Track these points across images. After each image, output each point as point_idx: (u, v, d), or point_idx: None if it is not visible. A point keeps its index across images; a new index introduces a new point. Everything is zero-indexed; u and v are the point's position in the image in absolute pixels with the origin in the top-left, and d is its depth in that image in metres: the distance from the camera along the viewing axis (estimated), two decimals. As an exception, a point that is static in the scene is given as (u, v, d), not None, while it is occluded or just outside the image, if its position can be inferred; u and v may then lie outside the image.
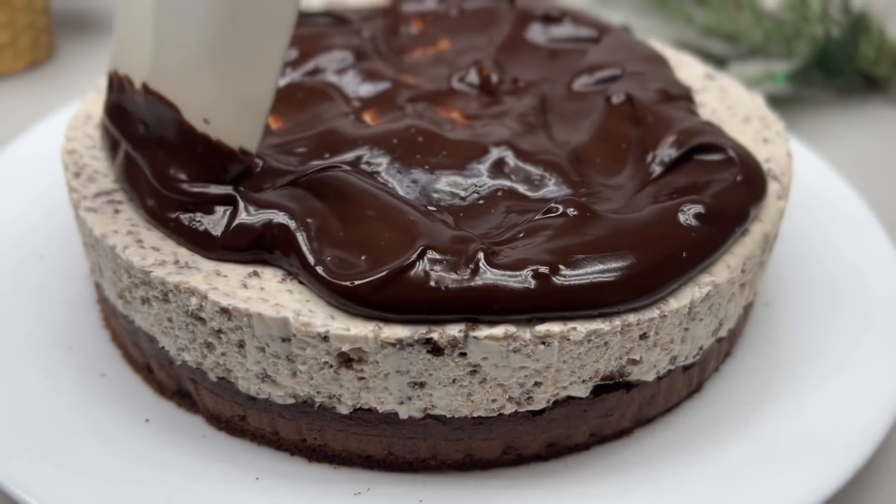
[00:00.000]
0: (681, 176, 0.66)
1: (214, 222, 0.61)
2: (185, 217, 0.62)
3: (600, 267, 0.58)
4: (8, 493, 0.60)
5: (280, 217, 0.60)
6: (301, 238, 0.59)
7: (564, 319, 0.58)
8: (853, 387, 0.67)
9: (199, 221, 0.61)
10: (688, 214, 0.61)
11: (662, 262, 0.59)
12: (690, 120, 0.71)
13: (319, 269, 0.58)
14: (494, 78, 0.77)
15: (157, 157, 0.63)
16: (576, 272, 0.57)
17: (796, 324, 0.74)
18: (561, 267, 0.57)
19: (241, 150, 0.63)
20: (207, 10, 0.59)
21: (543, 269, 0.57)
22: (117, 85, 0.64)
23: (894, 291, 0.75)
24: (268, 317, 0.58)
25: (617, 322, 0.58)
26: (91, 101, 0.75)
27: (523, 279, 0.57)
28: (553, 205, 0.62)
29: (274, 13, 0.61)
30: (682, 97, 0.75)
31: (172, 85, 0.61)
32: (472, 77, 0.77)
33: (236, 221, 0.61)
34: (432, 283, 0.56)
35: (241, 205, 0.61)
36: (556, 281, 0.57)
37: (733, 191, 0.64)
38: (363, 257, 0.58)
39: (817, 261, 0.79)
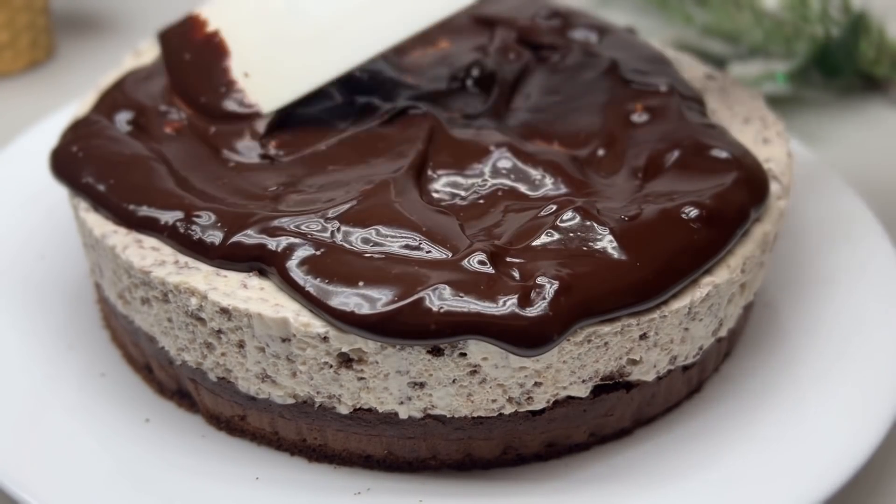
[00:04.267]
0: (682, 177, 0.66)
1: (213, 235, 0.61)
2: (181, 225, 0.61)
3: (605, 275, 0.58)
4: (8, 493, 0.60)
5: (274, 244, 0.59)
6: (295, 272, 0.58)
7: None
8: (853, 386, 0.67)
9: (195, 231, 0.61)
10: (689, 216, 0.61)
11: (665, 266, 0.59)
12: (695, 120, 0.71)
13: (312, 291, 0.57)
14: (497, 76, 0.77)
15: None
16: (581, 284, 0.57)
17: (796, 324, 0.74)
18: (565, 277, 0.57)
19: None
20: None
21: (549, 283, 0.56)
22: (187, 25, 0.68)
23: (894, 291, 0.75)
24: (268, 317, 0.58)
25: (617, 322, 0.58)
26: (91, 102, 0.75)
27: (528, 293, 0.56)
28: (554, 206, 0.62)
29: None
30: (691, 98, 0.75)
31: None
32: (473, 77, 0.77)
33: (233, 239, 0.60)
34: (439, 316, 0.56)
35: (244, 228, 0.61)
36: (563, 300, 0.56)
37: (734, 193, 0.64)
38: (361, 283, 0.57)
39: (817, 261, 0.79)
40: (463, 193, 0.66)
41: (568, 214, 0.61)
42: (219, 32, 0.69)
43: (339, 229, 0.60)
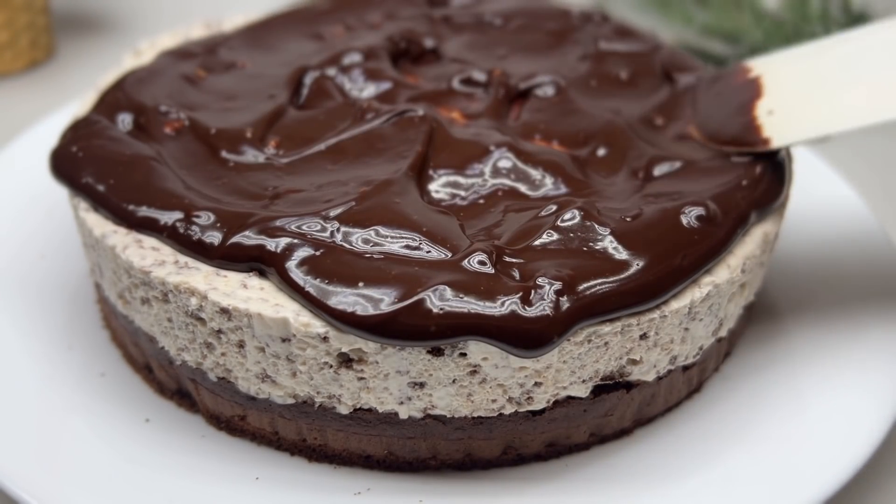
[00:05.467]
0: (684, 177, 0.66)
1: (212, 236, 0.61)
2: (181, 226, 0.61)
3: (606, 275, 0.58)
4: (8, 493, 0.60)
5: (273, 245, 0.59)
6: (295, 272, 0.58)
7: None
8: (853, 387, 0.67)
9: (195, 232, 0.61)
10: (690, 216, 0.61)
11: (666, 268, 0.59)
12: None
13: (311, 291, 0.57)
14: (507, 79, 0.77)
15: None
16: (582, 284, 0.57)
17: (796, 324, 0.74)
18: (565, 277, 0.57)
19: None
20: None
21: (549, 284, 0.56)
22: None
23: (894, 291, 0.75)
24: (268, 317, 0.58)
25: (617, 322, 0.58)
26: (90, 102, 0.75)
27: (528, 294, 0.56)
28: (554, 206, 0.62)
29: None
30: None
31: None
32: (475, 77, 0.77)
33: (232, 240, 0.60)
34: (439, 317, 0.56)
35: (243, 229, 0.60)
36: (564, 301, 0.56)
37: (736, 194, 0.64)
38: (361, 283, 0.57)
39: (817, 261, 0.79)
40: (463, 193, 0.66)
41: (568, 214, 0.61)
42: (760, 77, 0.71)
43: (338, 229, 0.60)
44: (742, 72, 0.73)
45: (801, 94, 0.68)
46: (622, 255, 0.59)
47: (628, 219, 0.61)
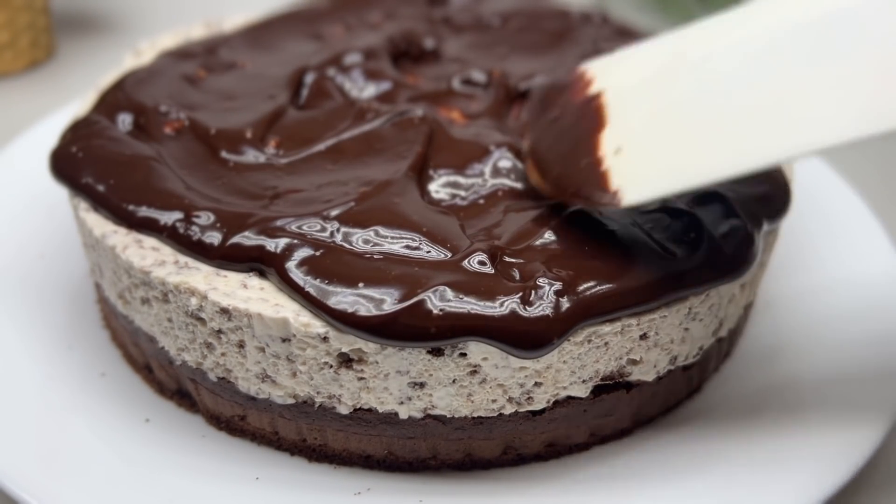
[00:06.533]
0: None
1: (212, 236, 0.61)
2: (181, 226, 0.61)
3: (606, 276, 0.58)
4: (8, 493, 0.60)
5: (273, 245, 0.59)
6: (295, 273, 0.58)
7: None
8: (853, 386, 0.67)
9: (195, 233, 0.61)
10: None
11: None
12: None
13: (311, 292, 0.57)
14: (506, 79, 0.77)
15: None
16: (582, 284, 0.57)
17: (796, 324, 0.74)
18: (565, 277, 0.57)
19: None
20: None
21: (549, 284, 0.56)
22: None
23: (894, 291, 0.75)
24: (268, 317, 0.58)
25: (617, 322, 0.58)
26: (90, 102, 0.75)
27: (529, 294, 0.56)
28: (555, 206, 0.62)
29: None
30: None
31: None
32: (475, 77, 0.77)
33: (232, 240, 0.60)
34: (439, 318, 0.56)
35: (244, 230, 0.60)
36: (564, 301, 0.56)
37: (746, 202, 0.64)
38: (361, 284, 0.57)
39: (817, 261, 0.79)
40: (463, 193, 0.66)
41: (569, 215, 0.61)
42: (602, 95, 0.54)
43: (338, 230, 0.60)
44: (580, 83, 0.55)
45: (652, 124, 0.51)
46: (627, 257, 0.59)
47: (632, 221, 0.61)
